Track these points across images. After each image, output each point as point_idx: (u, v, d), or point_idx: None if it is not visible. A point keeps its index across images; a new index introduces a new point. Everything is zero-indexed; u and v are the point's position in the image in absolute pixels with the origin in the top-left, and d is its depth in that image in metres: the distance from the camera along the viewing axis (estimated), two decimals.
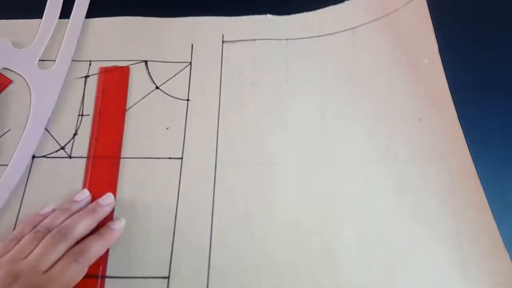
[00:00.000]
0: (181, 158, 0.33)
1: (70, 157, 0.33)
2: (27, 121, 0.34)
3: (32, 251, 0.27)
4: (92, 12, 0.40)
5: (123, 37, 0.38)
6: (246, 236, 0.30)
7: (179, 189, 0.32)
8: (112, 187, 0.32)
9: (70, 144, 0.34)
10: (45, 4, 0.39)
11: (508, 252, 0.27)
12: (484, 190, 0.29)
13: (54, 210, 0.31)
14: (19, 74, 0.37)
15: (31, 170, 0.33)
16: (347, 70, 0.36)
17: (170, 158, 0.33)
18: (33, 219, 0.30)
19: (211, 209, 0.31)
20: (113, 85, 0.36)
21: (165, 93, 0.36)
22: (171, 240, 0.30)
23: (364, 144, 0.33)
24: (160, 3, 0.40)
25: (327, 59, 0.36)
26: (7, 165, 0.33)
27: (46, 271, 0.27)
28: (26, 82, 0.36)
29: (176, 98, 0.36)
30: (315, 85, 0.35)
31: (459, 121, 0.31)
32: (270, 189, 0.32)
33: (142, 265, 0.30)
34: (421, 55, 0.35)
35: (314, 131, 0.34)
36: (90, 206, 0.31)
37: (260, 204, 0.31)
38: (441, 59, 0.33)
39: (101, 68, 0.37)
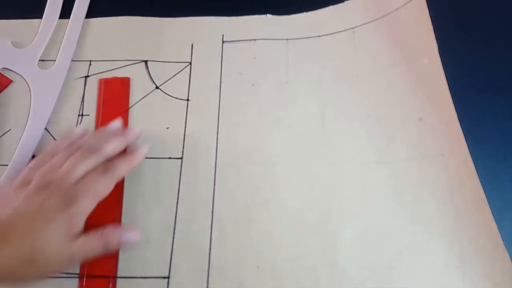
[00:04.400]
0: (181, 158, 0.33)
1: None
2: (27, 121, 0.34)
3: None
4: (92, 12, 0.40)
5: (123, 37, 0.38)
6: (246, 236, 0.30)
7: (179, 189, 0.32)
8: None
9: None
10: (45, 4, 0.39)
11: (508, 252, 0.27)
12: (484, 190, 0.29)
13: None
14: (19, 74, 0.36)
15: None
16: (347, 70, 0.36)
17: (170, 158, 0.33)
18: (68, 136, 0.32)
19: (211, 209, 0.31)
20: (115, 95, 0.36)
21: (165, 93, 0.36)
22: (171, 240, 0.30)
23: (364, 144, 0.33)
24: (160, 3, 0.40)
25: (327, 59, 0.36)
26: (7, 165, 0.33)
27: (76, 183, 0.28)
28: (26, 82, 0.36)
29: (176, 98, 0.36)
30: (315, 85, 0.35)
31: (459, 121, 0.31)
32: (270, 189, 0.32)
33: (142, 265, 0.30)
34: (421, 55, 0.35)
35: (314, 131, 0.34)
36: (120, 130, 0.32)
37: (260, 204, 0.31)
38: (441, 59, 0.33)
39: (100, 80, 0.36)
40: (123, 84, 0.36)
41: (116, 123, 0.33)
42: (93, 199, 0.28)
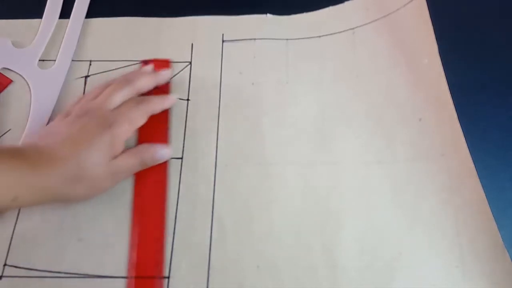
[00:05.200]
0: (181, 158, 0.33)
1: None
2: (27, 121, 0.34)
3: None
4: (92, 12, 0.40)
5: (123, 37, 0.38)
6: (246, 236, 0.30)
7: (179, 189, 0.32)
8: None
9: None
10: (45, 4, 0.39)
11: (508, 252, 0.27)
12: (484, 190, 0.29)
13: None
14: (19, 74, 0.36)
15: None
16: (347, 70, 0.36)
17: (170, 158, 0.33)
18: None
19: (211, 209, 0.31)
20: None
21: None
22: (171, 240, 0.30)
23: (364, 144, 0.33)
24: (160, 3, 0.40)
25: (327, 59, 0.36)
26: None
27: (113, 110, 0.31)
28: (26, 82, 0.36)
29: (176, 98, 0.36)
30: (315, 85, 0.35)
31: (459, 121, 0.31)
32: (270, 189, 0.32)
33: None
34: (421, 55, 0.35)
35: (314, 130, 0.34)
36: (152, 71, 0.35)
37: (260, 204, 0.31)
38: (441, 59, 0.33)
39: None
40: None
41: (148, 67, 0.36)
42: (130, 125, 0.31)
